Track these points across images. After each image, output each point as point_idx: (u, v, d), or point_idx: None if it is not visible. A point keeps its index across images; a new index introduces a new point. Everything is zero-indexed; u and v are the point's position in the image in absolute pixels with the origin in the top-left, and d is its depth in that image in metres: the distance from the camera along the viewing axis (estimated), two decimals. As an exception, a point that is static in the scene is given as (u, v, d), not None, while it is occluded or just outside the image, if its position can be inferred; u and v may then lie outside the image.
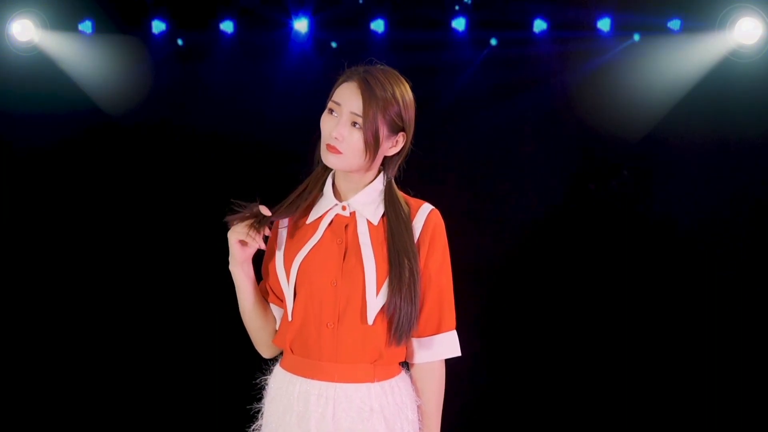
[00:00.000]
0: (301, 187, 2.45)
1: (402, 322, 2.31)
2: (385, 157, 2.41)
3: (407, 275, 2.30)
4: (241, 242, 2.37)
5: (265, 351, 2.52)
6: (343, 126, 2.31)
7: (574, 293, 4.57)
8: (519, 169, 4.61)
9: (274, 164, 4.52)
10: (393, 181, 2.43)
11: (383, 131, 2.32)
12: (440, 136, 4.54)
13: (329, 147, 2.32)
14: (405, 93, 2.37)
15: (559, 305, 4.58)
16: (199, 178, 4.69)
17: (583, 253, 4.57)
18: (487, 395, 4.62)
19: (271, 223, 2.40)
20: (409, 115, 2.38)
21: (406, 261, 2.31)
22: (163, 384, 4.72)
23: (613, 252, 4.54)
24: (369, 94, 2.29)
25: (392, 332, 2.32)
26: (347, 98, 2.31)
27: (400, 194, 2.43)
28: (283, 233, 2.44)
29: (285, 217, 2.43)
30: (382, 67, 2.38)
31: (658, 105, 4.43)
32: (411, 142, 2.42)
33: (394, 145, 2.38)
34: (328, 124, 2.33)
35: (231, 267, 2.41)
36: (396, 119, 2.33)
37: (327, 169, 2.44)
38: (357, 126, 2.30)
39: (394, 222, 2.36)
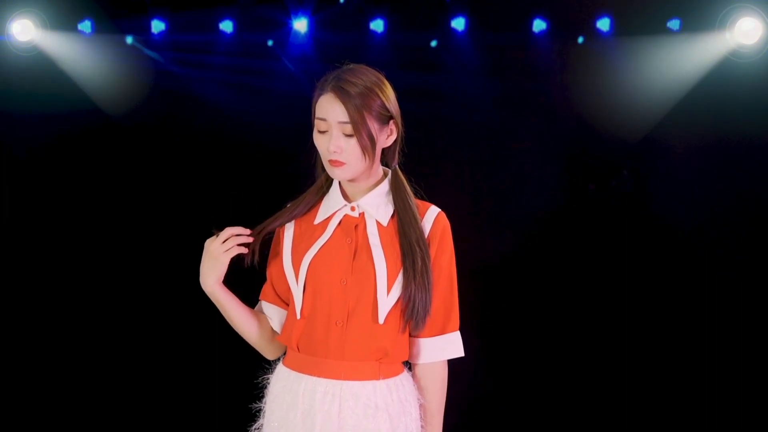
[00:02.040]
0: (300, 198, 2.46)
1: (418, 310, 2.33)
2: (383, 149, 2.42)
3: (419, 263, 2.33)
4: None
5: (269, 353, 2.53)
6: (337, 138, 2.31)
7: (574, 293, 4.57)
8: (519, 169, 4.61)
9: (273, 164, 4.52)
10: (398, 170, 2.44)
11: (374, 127, 2.33)
12: (440, 136, 4.54)
13: (332, 162, 2.33)
14: (380, 82, 2.37)
15: (559, 305, 4.58)
16: (199, 177, 4.69)
17: (583, 253, 4.57)
18: (487, 395, 4.62)
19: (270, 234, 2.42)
20: (392, 101, 2.38)
21: (417, 249, 2.33)
22: (164, 383, 4.72)
23: (613, 252, 4.54)
24: (347, 98, 2.29)
25: (408, 320, 2.34)
26: (330, 111, 2.31)
27: (408, 186, 2.43)
28: (288, 234, 2.45)
29: (284, 224, 2.44)
30: (349, 66, 2.38)
31: (658, 105, 4.43)
32: (403, 126, 2.43)
33: (389, 135, 2.39)
34: (322, 142, 2.34)
35: (209, 287, 2.40)
36: (382, 110, 2.34)
37: (329, 179, 2.45)
38: (350, 134, 2.31)
39: (403, 213, 2.38)
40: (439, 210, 2.44)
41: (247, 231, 2.38)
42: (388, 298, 2.33)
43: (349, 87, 2.30)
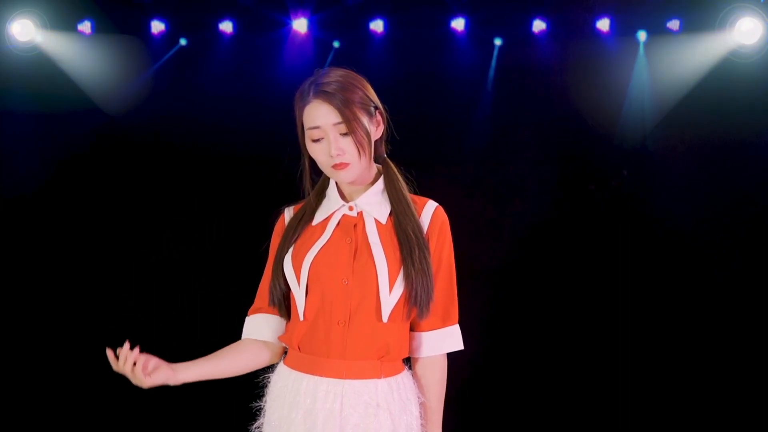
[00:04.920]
0: (300, 212, 2.47)
1: (421, 296, 2.34)
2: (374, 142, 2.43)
3: (416, 250, 2.33)
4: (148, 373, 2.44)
5: (271, 362, 2.53)
6: (335, 141, 2.32)
7: (574, 293, 4.57)
8: (518, 169, 4.61)
9: (272, 164, 4.51)
10: (389, 160, 2.45)
11: (365, 119, 2.34)
12: (439, 136, 4.54)
13: (336, 166, 2.33)
14: (353, 75, 2.38)
15: (559, 305, 4.59)
16: (199, 177, 4.69)
17: (583, 253, 4.57)
18: (485, 397, 4.62)
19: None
20: (371, 91, 2.40)
21: (413, 237, 2.34)
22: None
23: (613, 252, 4.54)
24: (332, 98, 2.31)
25: (413, 307, 2.35)
26: (321, 116, 2.32)
27: (401, 177, 2.44)
28: (287, 238, 2.45)
29: (291, 244, 2.44)
30: (318, 71, 2.39)
31: (657, 105, 4.43)
32: (387, 113, 2.44)
33: (378, 125, 2.41)
34: (321, 150, 2.34)
35: (173, 383, 2.44)
36: (365, 102, 2.35)
37: (320, 195, 2.46)
38: (346, 133, 2.32)
39: (396, 203, 2.39)
40: (437, 204, 2.45)
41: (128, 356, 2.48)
42: (390, 296, 2.33)
43: (328, 88, 2.31)
